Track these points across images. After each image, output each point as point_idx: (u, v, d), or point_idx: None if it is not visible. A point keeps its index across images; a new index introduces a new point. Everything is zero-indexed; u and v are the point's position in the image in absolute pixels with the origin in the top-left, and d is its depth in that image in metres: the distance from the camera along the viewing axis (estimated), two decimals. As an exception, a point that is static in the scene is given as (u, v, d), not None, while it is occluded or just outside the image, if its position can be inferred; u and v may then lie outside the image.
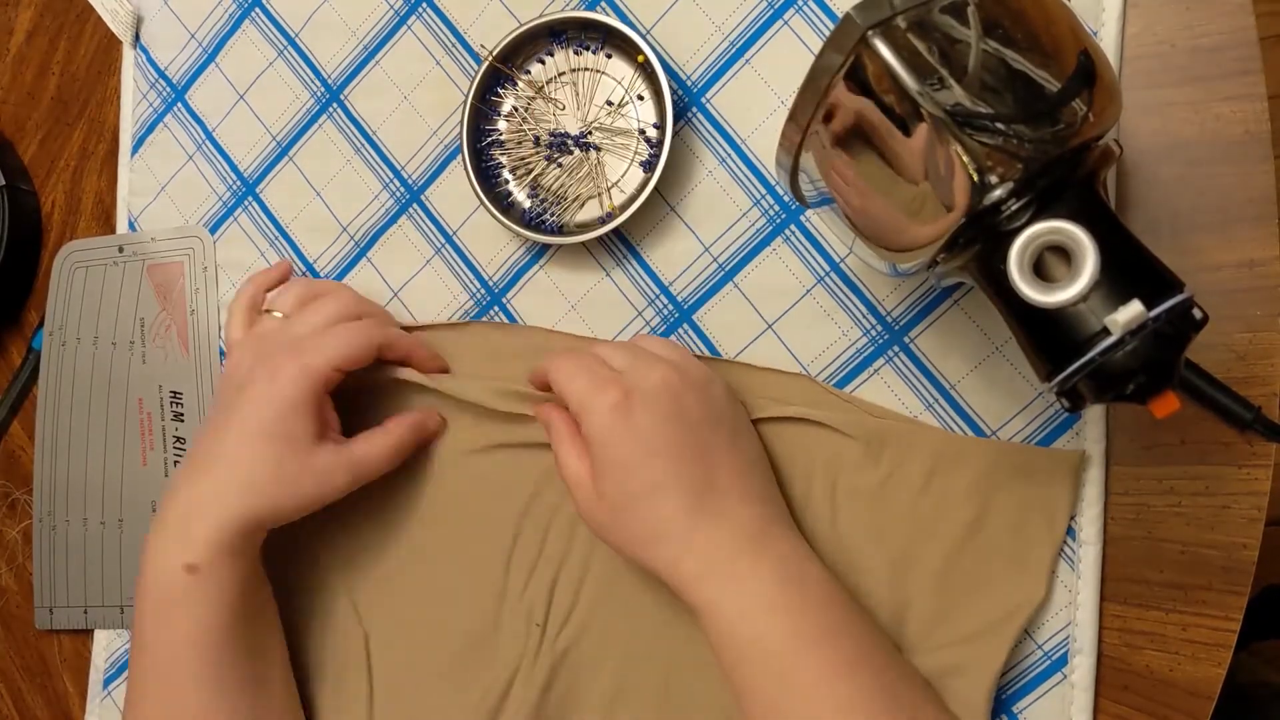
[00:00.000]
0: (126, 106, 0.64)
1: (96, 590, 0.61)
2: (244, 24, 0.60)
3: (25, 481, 0.65)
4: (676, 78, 0.51)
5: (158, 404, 0.61)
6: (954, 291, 0.45)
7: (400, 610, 0.52)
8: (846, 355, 0.47)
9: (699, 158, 0.50)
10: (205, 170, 0.61)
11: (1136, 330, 0.31)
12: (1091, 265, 0.32)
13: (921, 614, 0.44)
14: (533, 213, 0.52)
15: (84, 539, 0.61)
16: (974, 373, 0.45)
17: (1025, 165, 0.32)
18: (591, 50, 0.51)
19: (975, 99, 0.32)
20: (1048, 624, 0.43)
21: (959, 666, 0.43)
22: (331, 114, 0.58)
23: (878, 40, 0.33)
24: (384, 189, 0.56)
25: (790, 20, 0.48)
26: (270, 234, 0.59)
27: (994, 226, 0.34)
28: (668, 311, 0.50)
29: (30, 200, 0.66)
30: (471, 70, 0.55)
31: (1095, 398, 0.33)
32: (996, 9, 0.33)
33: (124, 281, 0.62)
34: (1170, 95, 0.43)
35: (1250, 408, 0.33)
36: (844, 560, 0.45)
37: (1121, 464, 0.43)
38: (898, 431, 0.45)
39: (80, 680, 0.62)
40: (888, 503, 0.45)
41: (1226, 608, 0.41)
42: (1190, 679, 0.42)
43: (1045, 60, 0.33)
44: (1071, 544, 0.43)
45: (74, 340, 0.63)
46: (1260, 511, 0.41)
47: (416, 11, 0.56)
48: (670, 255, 0.50)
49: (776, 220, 0.48)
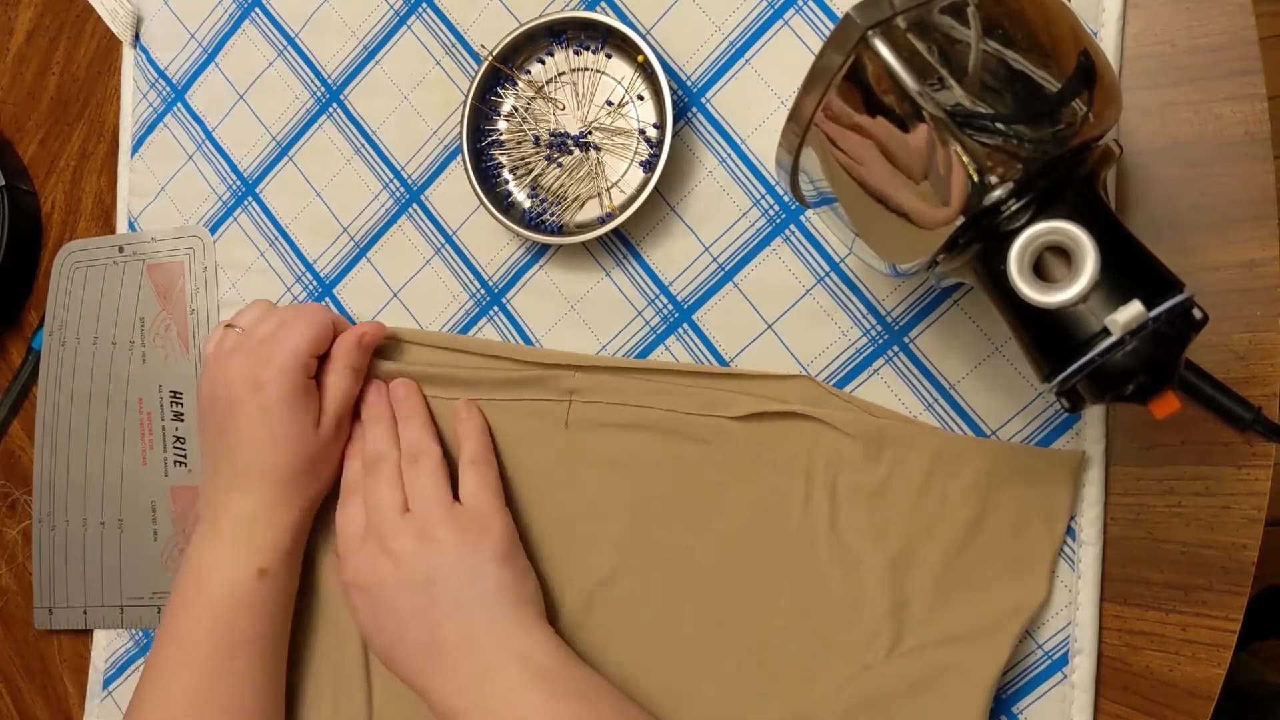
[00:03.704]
0: (126, 106, 0.64)
1: (96, 590, 0.61)
2: (244, 24, 0.60)
3: (25, 482, 0.65)
4: (676, 78, 0.51)
5: (157, 404, 0.61)
6: (954, 291, 0.45)
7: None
8: (846, 355, 0.47)
9: (699, 158, 0.50)
10: (205, 170, 0.61)
11: (1136, 330, 0.31)
12: (1091, 265, 0.32)
13: (921, 614, 0.44)
14: (533, 213, 0.52)
15: (83, 539, 0.61)
16: (974, 373, 0.45)
17: (1025, 165, 0.32)
18: (591, 50, 0.51)
19: (975, 99, 0.32)
20: (1048, 624, 0.43)
21: (958, 667, 0.43)
22: (331, 114, 0.58)
23: (878, 40, 0.33)
24: (384, 189, 0.56)
25: (790, 20, 0.48)
26: (270, 234, 0.59)
27: (994, 227, 0.34)
28: (668, 311, 0.50)
29: (30, 200, 0.66)
30: (471, 70, 0.55)
31: (1095, 398, 0.33)
32: (996, 9, 0.33)
33: (124, 281, 0.62)
34: (1170, 95, 0.43)
35: (1250, 408, 0.33)
36: (844, 560, 0.45)
37: (1121, 464, 0.43)
38: (898, 431, 0.45)
39: (80, 680, 0.62)
40: (888, 503, 0.45)
41: (1226, 608, 0.41)
42: (1190, 679, 0.42)
43: (1045, 60, 0.33)
44: (1071, 544, 0.43)
45: (74, 340, 0.63)
46: (1260, 512, 0.41)
47: (416, 11, 0.56)
48: (670, 255, 0.50)
49: (776, 220, 0.48)
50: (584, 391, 0.50)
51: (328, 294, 0.58)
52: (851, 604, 0.45)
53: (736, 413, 0.47)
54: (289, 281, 0.59)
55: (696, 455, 0.48)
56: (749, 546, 0.47)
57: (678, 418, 0.48)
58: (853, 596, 0.45)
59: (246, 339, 0.51)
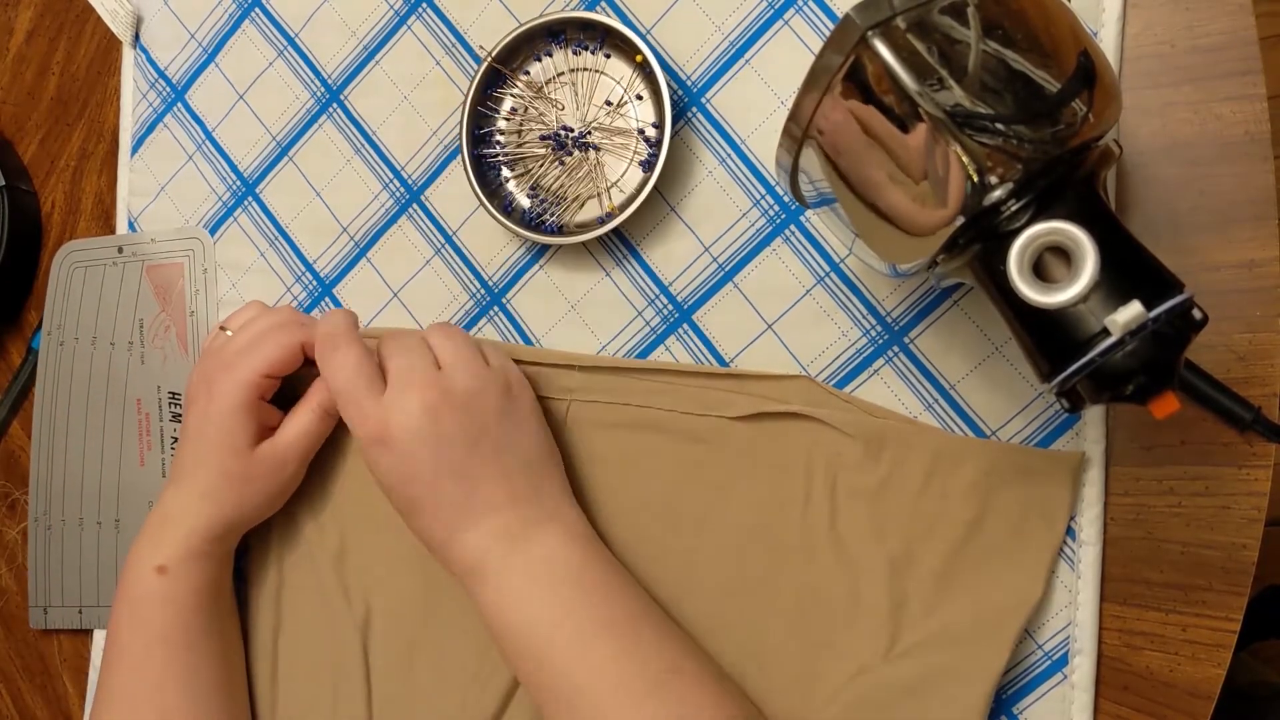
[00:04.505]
0: (126, 106, 0.64)
1: (92, 590, 0.61)
2: (244, 24, 0.60)
3: (25, 482, 0.65)
4: (676, 78, 0.51)
5: (156, 405, 0.61)
6: (954, 292, 0.45)
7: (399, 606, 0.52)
8: (846, 355, 0.47)
9: (699, 158, 0.50)
10: (205, 170, 0.61)
11: (1136, 331, 0.31)
12: (1091, 266, 0.32)
13: (920, 614, 0.44)
14: (533, 213, 0.52)
15: (80, 539, 0.61)
16: (974, 373, 0.45)
17: (1025, 166, 0.32)
18: (590, 50, 0.51)
19: (975, 99, 0.32)
20: (1048, 624, 0.43)
21: (958, 667, 0.43)
22: (331, 114, 0.58)
23: (877, 40, 0.33)
24: (384, 189, 0.56)
25: (790, 20, 0.48)
26: (270, 234, 0.59)
27: (994, 227, 0.34)
28: (668, 311, 0.50)
29: (30, 200, 0.66)
30: (471, 70, 0.55)
31: (1095, 398, 0.33)
32: (996, 9, 0.33)
33: (123, 282, 0.62)
34: (1170, 95, 0.43)
35: (1250, 408, 0.33)
36: (843, 560, 0.45)
37: (1121, 464, 0.43)
38: (898, 431, 0.45)
39: (80, 680, 0.62)
40: (887, 503, 0.45)
41: (1226, 608, 0.41)
42: (1190, 679, 0.42)
43: (1045, 61, 0.33)
44: (1071, 544, 0.43)
45: (72, 340, 0.63)
46: (1260, 512, 0.41)
47: (416, 11, 0.56)
48: (670, 255, 0.50)
49: (776, 220, 0.48)
50: (582, 390, 0.50)
51: (328, 294, 0.58)
52: (851, 604, 0.45)
53: (736, 413, 0.47)
54: (289, 281, 0.59)
55: (696, 455, 0.48)
56: (749, 546, 0.47)
57: (677, 417, 0.48)
58: (852, 597, 0.45)
59: (227, 343, 0.52)
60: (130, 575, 0.50)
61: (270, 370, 0.50)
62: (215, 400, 0.50)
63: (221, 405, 0.50)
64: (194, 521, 0.50)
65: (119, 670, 0.49)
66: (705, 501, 0.48)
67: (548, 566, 0.44)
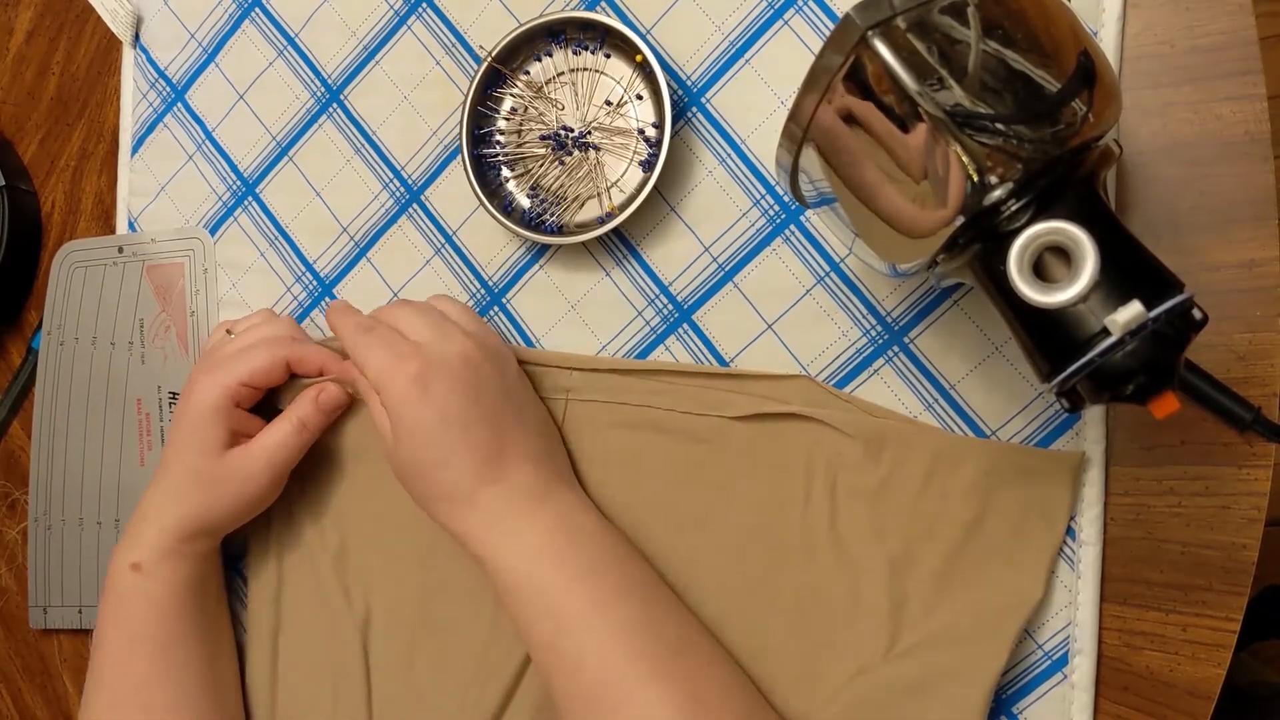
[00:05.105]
0: (126, 106, 0.64)
1: (92, 590, 0.61)
2: (244, 24, 0.60)
3: (25, 482, 0.65)
4: (677, 78, 0.51)
5: (156, 405, 0.61)
6: (954, 292, 0.45)
7: (399, 606, 0.52)
8: (846, 355, 0.47)
9: (699, 158, 0.50)
10: (205, 170, 0.61)
11: (1136, 331, 0.31)
12: (1091, 265, 0.32)
13: (920, 614, 0.44)
14: (533, 213, 0.52)
15: (79, 538, 0.61)
16: (974, 373, 0.45)
17: (1025, 165, 0.32)
18: (590, 50, 0.51)
19: (975, 99, 0.32)
20: (1048, 624, 0.43)
21: (958, 667, 0.43)
22: (331, 114, 0.58)
23: (877, 40, 0.33)
24: (384, 189, 0.56)
25: (790, 20, 0.48)
26: (270, 234, 0.59)
27: (994, 227, 0.34)
28: (668, 311, 0.50)
29: (30, 200, 0.66)
30: (471, 70, 0.55)
31: (1095, 398, 0.33)
32: (996, 9, 0.33)
33: (123, 282, 0.62)
34: (1170, 95, 0.43)
35: (1250, 408, 0.33)
36: (843, 560, 0.45)
37: (1121, 464, 0.43)
38: (897, 431, 0.45)
39: (80, 680, 0.62)
40: (887, 503, 0.45)
41: (1226, 608, 0.41)
42: (1190, 679, 0.42)
43: (1045, 60, 0.33)
44: (1071, 544, 0.43)
45: (72, 340, 0.63)
46: (1260, 512, 0.41)
47: (416, 12, 0.56)
48: (670, 255, 0.50)
49: (776, 220, 0.48)
50: (580, 390, 0.50)
51: (328, 294, 0.58)
52: (851, 604, 0.45)
53: (736, 413, 0.47)
54: (289, 281, 0.59)
55: (696, 455, 0.48)
56: (749, 546, 0.47)
57: (677, 417, 0.48)
58: (852, 596, 0.45)
59: (219, 346, 0.53)
60: (110, 571, 0.50)
61: (251, 379, 0.51)
62: (192, 400, 0.50)
63: (197, 405, 0.50)
64: (164, 520, 0.50)
65: (103, 666, 0.50)
66: (705, 501, 0.48)
67: (566, 526, 0.44)
